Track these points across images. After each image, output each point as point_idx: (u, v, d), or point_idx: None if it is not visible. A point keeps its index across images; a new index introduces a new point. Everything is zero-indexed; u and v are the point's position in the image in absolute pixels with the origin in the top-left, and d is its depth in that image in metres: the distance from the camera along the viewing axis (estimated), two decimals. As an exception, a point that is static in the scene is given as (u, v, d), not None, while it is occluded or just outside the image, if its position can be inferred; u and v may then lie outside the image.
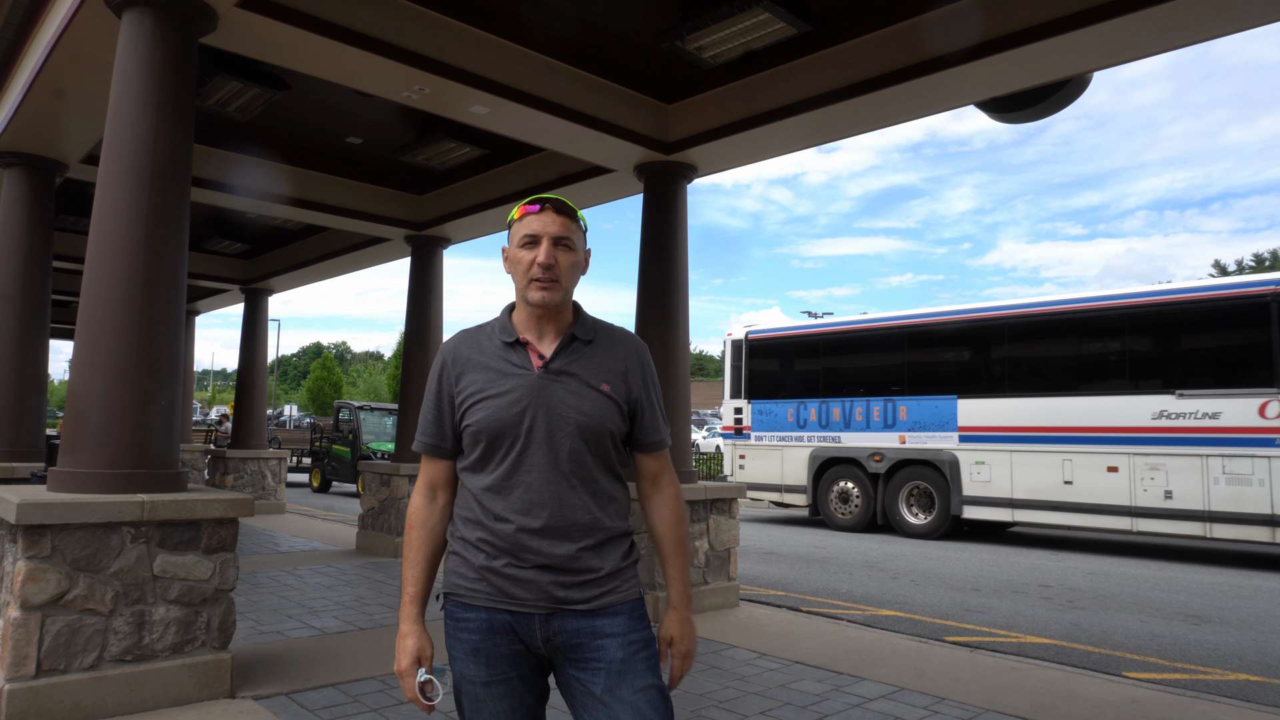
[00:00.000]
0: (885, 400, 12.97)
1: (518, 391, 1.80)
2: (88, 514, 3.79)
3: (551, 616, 1.77)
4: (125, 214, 4.26)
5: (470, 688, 1.79)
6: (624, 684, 1.74)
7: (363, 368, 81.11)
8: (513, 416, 1.78)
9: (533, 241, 1.82)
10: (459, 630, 1.82)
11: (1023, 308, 11.89)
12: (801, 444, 13.93)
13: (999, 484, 11.69)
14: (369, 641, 5.40)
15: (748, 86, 6.29)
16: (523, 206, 1.86)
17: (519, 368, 1.82)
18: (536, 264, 1.80)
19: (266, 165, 8.51)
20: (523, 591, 1.77)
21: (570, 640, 1.77)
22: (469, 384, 1.84)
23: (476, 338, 1.91)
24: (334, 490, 20.58)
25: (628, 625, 1.80)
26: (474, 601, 1.80)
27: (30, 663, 3.65)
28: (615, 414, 1.84)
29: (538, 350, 1.85)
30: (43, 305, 7.17)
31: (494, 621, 1.79)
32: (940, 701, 4.45)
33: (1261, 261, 57.38)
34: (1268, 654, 6.03)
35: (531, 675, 1.82)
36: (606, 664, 1.75)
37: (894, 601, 7.71)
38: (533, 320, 1.86)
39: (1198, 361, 10.36)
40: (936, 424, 12.34)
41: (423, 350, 9.72)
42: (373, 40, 5.24)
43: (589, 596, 1.78)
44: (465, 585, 1.82)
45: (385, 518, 9.34)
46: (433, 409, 1.90)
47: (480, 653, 1.79)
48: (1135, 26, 4.61)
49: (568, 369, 1.83)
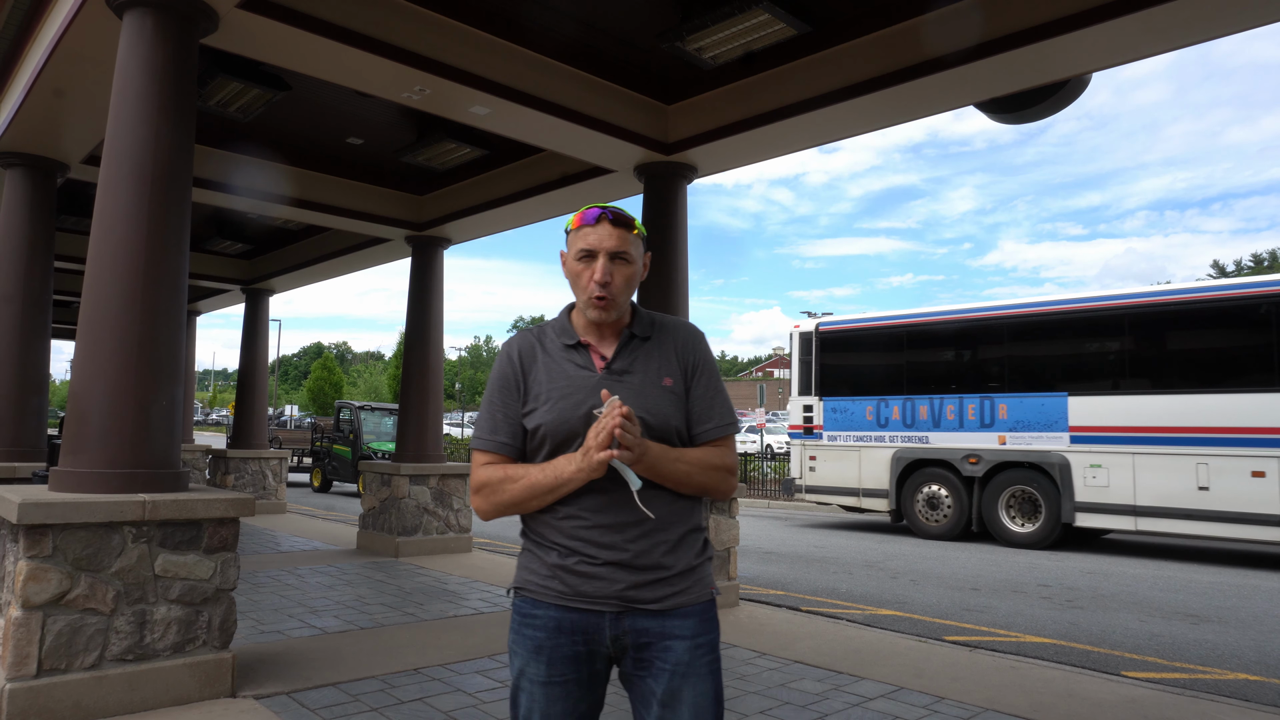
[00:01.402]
0: (981, 397, 11.88)
1: (581, 393, 1.79)
2: (89, 513, 3.80)
3: (622, 615, 1.76)
4: (126, 214, 4.27)
5: (529, 685, 1.78)
6: (685, 686, 1.75)
7: (363, 368, 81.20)
8: (579, 418, 1.77)
9: (589, 256, 1.81)
10: (525, 626, 1.80)
11: (1146, 297, 10.86)
12: (883, 444, 12.82)
13: (1119, 489, 10.64)
14: (370, 641, 5.41)
15: (748, 87, 6.30)
16: (579, 215, 1.84)
17: (582, 369, 1.82)
18: (593, 282, 1.79)
19: (267, 166, 8.52)
20: (594, 590, 1.75)
21: (639, 640, 1.77)
22: (535, 383, 1.83)
23: (539, 338, 1.90)
24: (335, 490, 20.59)
25: (696, 628, 1.79)
26: (544, 599, 1.79)
27: (31, 662, 3.66)
28: (678, 408, 1.83)
29: (599, 351, 1.85)
30: (44, 305, 7.18)
31: (562, 621, 1.77)
32: (940, 701, 4.46)
33: (1261, 262, 57.36)
34: (1267, 653, 6.04)
35: (590, 681, 1.80)
36: (671, 666, 1.75)
37: (893, 601, 7.72)
38: (592, 324, 1.87)
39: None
40: (1043, 423, 11.29)
41: (423, 350, 9.73)
42: (373, 41, 5.25)
43: (661, 596, 1.76)
44: (536, 582, 1.81)
45: (386, 517, 9.35)
46: (498, 407, 1.85)
47: (543, 651, 1.77)
48: (1135, 27, 4.62)
49: (630, 368, 1.83)
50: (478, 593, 7.12)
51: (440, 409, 9.85)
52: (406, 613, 6.27)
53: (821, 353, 13.61)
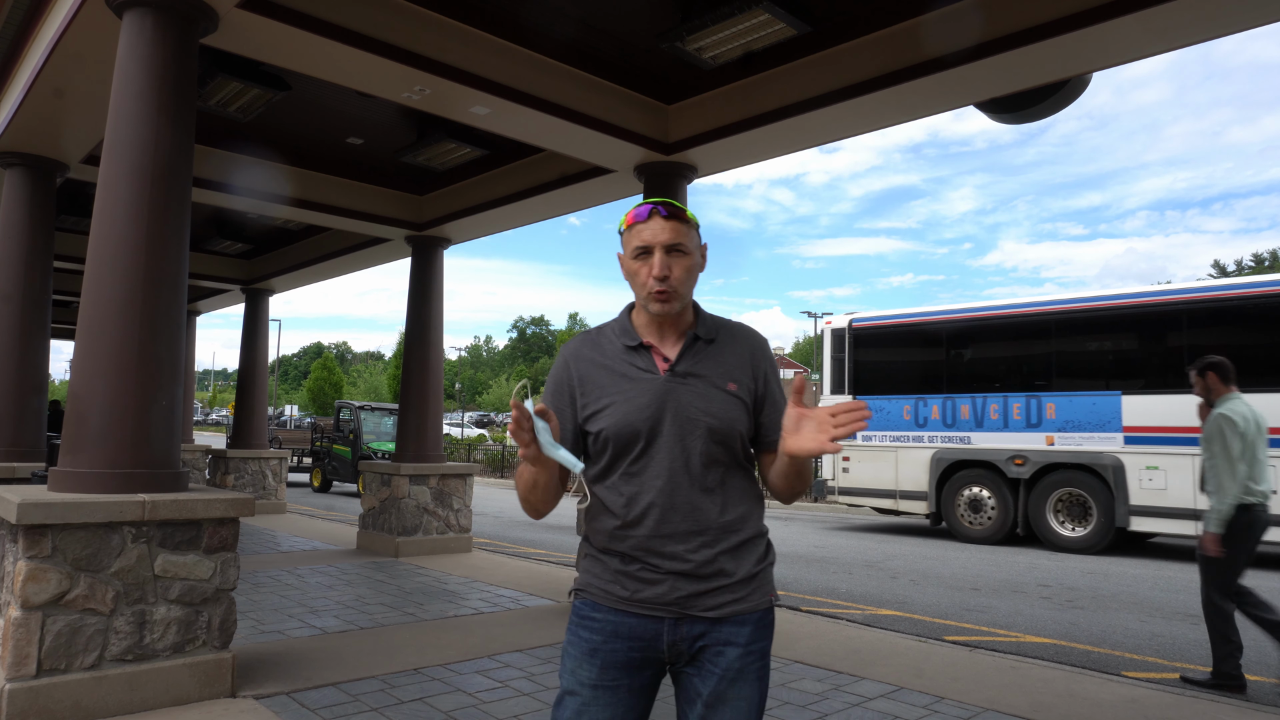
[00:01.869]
0: (1028, 396, 11.41)
1: (645, 396, 1.77)
2: (88, 514, 3.80)
3: (680, 622, 1.75)
4: (126, 214, 4.26)
5: (580, 689, 1.76)
6: (731, 691, 1.75)
7: (363, 368, 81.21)
8: (642, 421, 1.75)
9: (645, 252, 1.79)
10: (581, 628, 1.80)
11: (1206, 292, 10.40)
12: (921, 445, 12.39)
13: (1178, 493, 10.16)
14: (370, 641, 5.41)
15: (748, 87, 6.30)
16: (630, 214, 1.82)
17: (644, 371, 1.79)
18: (651, 277, 1.77)
19: (267, 166, 8.52)
20: (654, 596, 1.75)
21: (696, 646, 1.77)
22: (593, 387, 1.81)
23: (598, 340, 1.87)
24: (334, 490, 20.59)
25: (751, 635, 1.78)
26: (604, 602, 1.79)
27: (31, 662, 3.66)
28: (743, 413, 1.81)
29: (661, 353, 1.82)
30: (43, 305, 7.18)
31: (620, 625, 1.77)
32: (939, 701, 4.45)
33: (1261, 261, 57.35)
34: (1267, 654, 6.04)
35: (640, 690, 1.79)
36: (721, 670, 1.75)
37: (893, 601, 7.71)
38: (654, 324, 1.84)
39: None
40: (1095, 423, 10.84)
41: (423, 350, 9.73)
42: (373, 41, 5.25)
43: (721, 603, 1.76)
44: (598, 586, 1.80)
45: (386, 517, 9.35)
46: (550, 406, 1.83)
47: (598, 654, 1.76)
48: (1135, 27, 4.62)
49: (694, 370, 1.80)
50: (478, 593, 7.12)
51: (440, 409, 9.85)
52: (406, 613, 6.27)
53: (855, 350, 13.20)
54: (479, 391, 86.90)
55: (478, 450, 29.11)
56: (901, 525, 13.13)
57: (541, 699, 4.32)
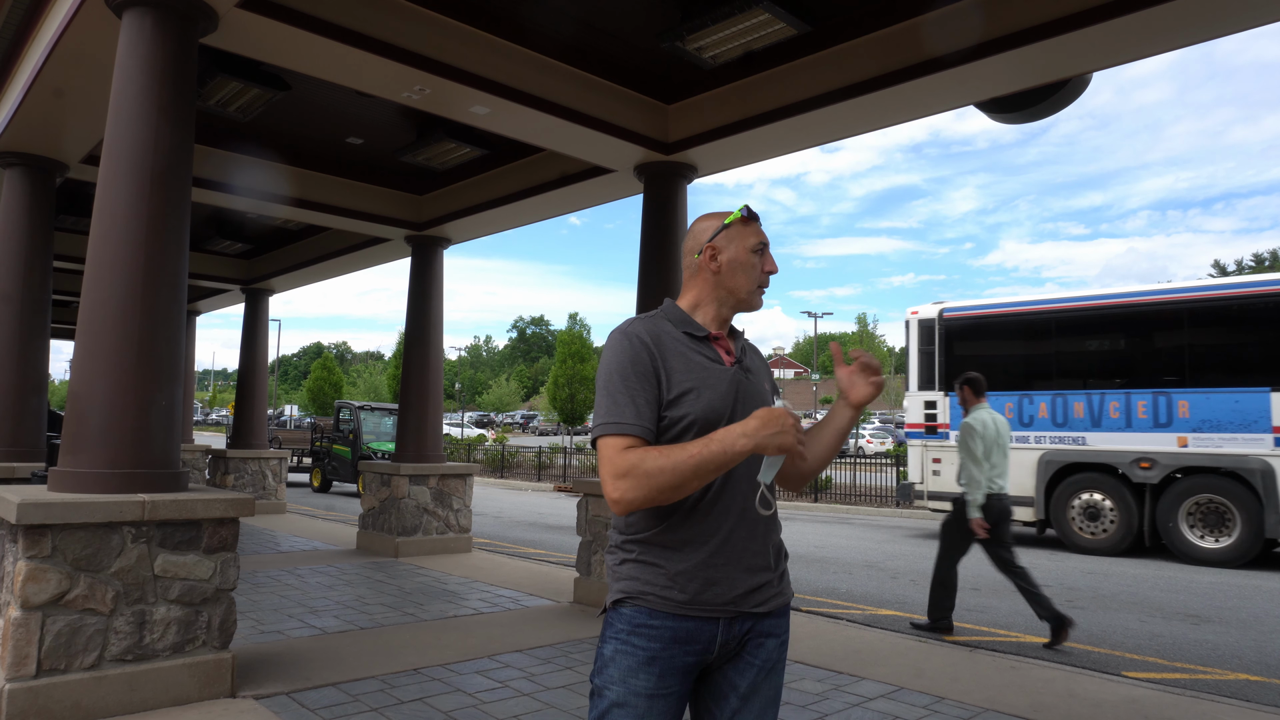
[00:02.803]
0: (1155, 393, 10.40)
1: (724, 384, 1.79)
2: (88, 514, 3.80)
3: (734, 621, 1.77)
4: (126, 214, 4.26)
5: (634, 699, 1.71)
6: (766, 682, 1.81)
7: (363, 368, 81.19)
8: (725, 409, 1.77)
9: (764, 248, 1.89)
10: (635, 636, 1.73)
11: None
12: (1027, 445, 11.33)
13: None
14: (370, 641, 5.41)
15: (747, 87, 6.29)
16: (740, 214, 1.89)
17: (715, 362, 1.82)
18: (766, 272, 1.89)
19: (267, 165, 8.52)
20: (714, 596, 1.74)
21: (743, 642, 1.80)
22: (676, 370, 1.76)
23: (661, 325, 1.83)
24: (334, 490, 20.58)
25: (785, 627, 1.87)
26: (662, 609, 1.74)
27: (31, 662, 3.65)
28: None
29: (724, 346, 1.88)
30: (43, 305, 7.18)
31: (679, 631, 1.73)
32: (940, 701, 4.45)
33: (1261, 261, 57.34)
34: (1267, 654, 6.03)
35: (685, 695, 1.80)
36: (760, 662, 1.80)
37: (894, 601, 7.71)
38: (718, 320, 1.89)
39: None
40: (1237, 423, 9.83)
41: (423, 350, 9.73)
42: (373, 40, 5.24)
43: (768, 598, 1.81)
44: (653, 593, 1.74)
45: (386, 517, 9.34)
46: (637, 390, 1.72)
47: (656, 662, 1.72)
48: (1135, 27, 4.61)
49: (750, 367, 1.88)
50: (477, 593, 7.12)
51: (440, 409, 9.84)
52: (406, 613, 6.27)
53: (947, 342, 12.22)
54: (479, 391, 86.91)
55: (478, 450, 29.10)
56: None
57: (541, 699, 4.32)
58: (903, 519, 15.94)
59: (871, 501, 17.61)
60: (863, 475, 18.38)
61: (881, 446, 37.05)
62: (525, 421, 67.77)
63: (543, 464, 25.44)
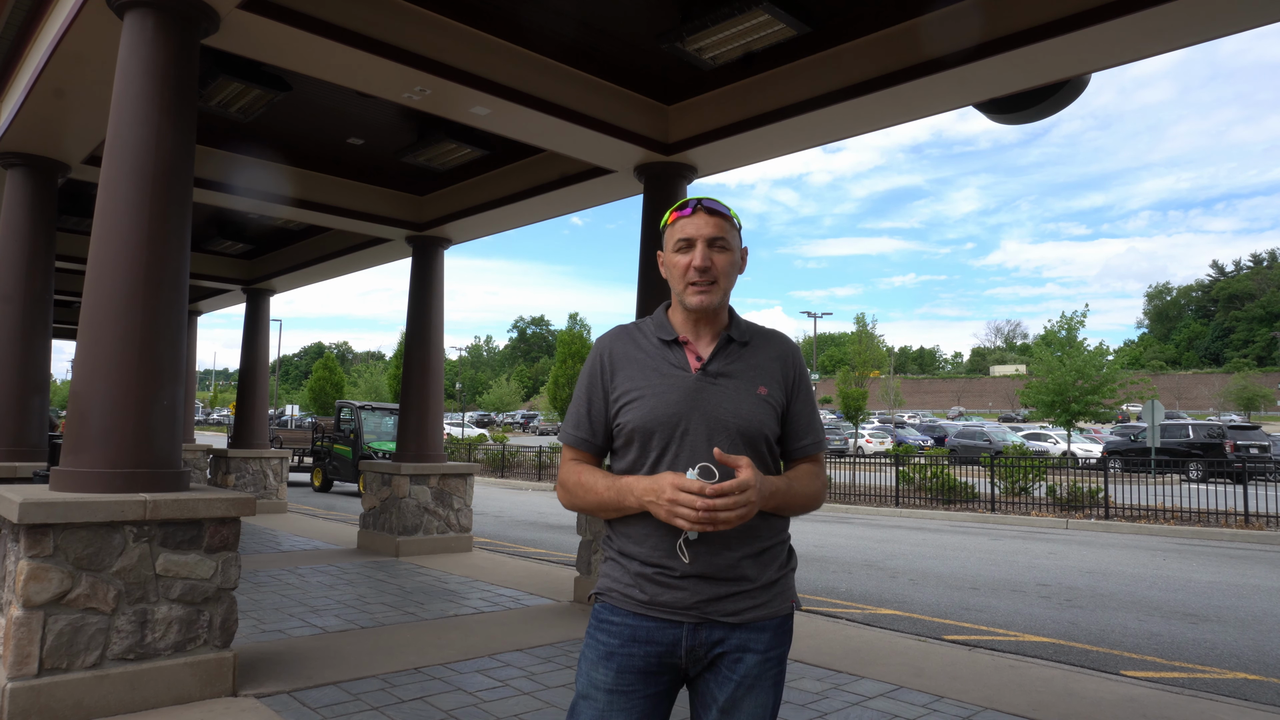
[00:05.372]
0: None
1: (675, 392, 1.76)
2: (90, 513, 3.81)
3: (699, 627, 1.73)
4: (128, 214, 4.27)
5: (595, 693, 1.75)
6: (748, 698, 1.74)
7: (364, 368, 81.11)
8: (669, 417, 1.74)
9: (687, 245, 1.79)
10: (599, 631, 1.78)
11: None
12: None
13: None
14: (370, 640, 5.42)
15: (747, 87, 6.30)
16: (673, 211, 1.83)
17: (676, 367, 1.79)
18: (692, 268, 1.77)
19: (268, 166, 8.53)
20: (673, 600, 1.72)
21: (714, 652, 1.75)
22: (624, 380, 1.80)
23: (634, 334, 1.87)
24: (335, 490, 20.59)
25: (770, 641, 1.77)
26: (623, 606, 1.76)
27: (33, 661, 3.67)
28: (772, 417, 1.80)
29: (695, 350, 1.82)
30: (45, 305, 7.19)
31: (637, 629, 1.74)
32: (939, 700, 4.46)
33: (1260, 261, 57.29)
34: (1265, 653, 6.04)
35: (656, 697, 1.76)
36: (739, 677, 1.74)
37: (893, 600, 7.72)
38: (689, 322, 1.84)
39: None
40: None
41: (424, 350, 9.74)
42: (374, 41, 5.26)
43: (741, 609, 1.74)
44: (618, 590, 1.78)
45: (386, 517, 9.36)
46: (584, 403, 1.84)
47: (614, 658, 1.74)
48: (1135, 27, 4.62)
49: (725, 371, 1.80)
50: (478, 592, 7.13)
51: (440, 409, 9.85)
52: (407, 612, 6.28)
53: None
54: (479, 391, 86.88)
55: (478, 450, 29.10)
56: (898, 525, 12.86)
57: (542, 698, 4.33)
58: (902, 518, 16.01)
59: (871, 501, 17.66)
60: (862, 475, 18.40)
61: (881, 446, 37.08)
62: (525, 421, 67.86)
63: (543, 464, 25.45)
